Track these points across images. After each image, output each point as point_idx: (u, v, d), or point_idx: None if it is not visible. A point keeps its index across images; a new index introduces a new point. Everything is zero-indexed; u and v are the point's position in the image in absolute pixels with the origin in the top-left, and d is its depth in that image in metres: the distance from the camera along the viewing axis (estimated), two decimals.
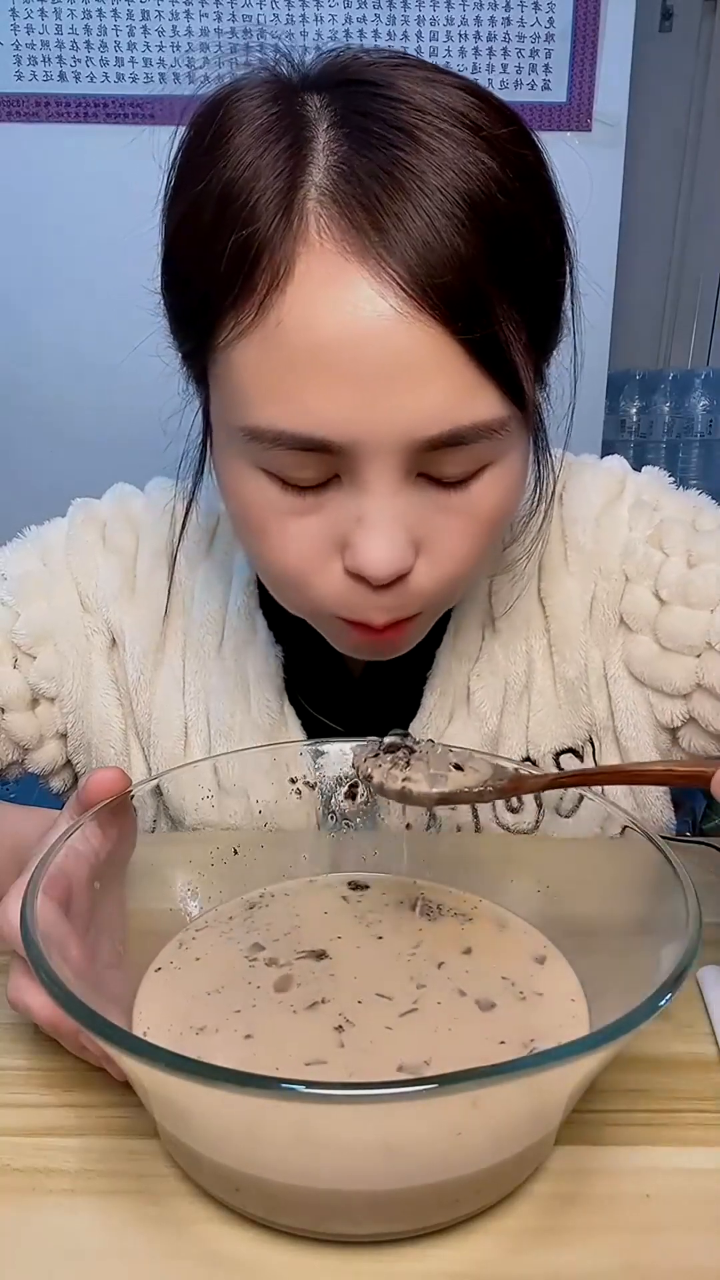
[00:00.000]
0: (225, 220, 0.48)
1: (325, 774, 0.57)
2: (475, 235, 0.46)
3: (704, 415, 1.90)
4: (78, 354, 1.58)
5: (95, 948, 0.43)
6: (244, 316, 0.48)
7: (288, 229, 0.47)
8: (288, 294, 0.47)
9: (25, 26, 1.47)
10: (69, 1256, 0.37)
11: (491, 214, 0.47)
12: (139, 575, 0.71)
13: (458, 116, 0.47)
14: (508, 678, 0.68)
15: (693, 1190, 0.40)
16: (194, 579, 0.71)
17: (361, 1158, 0.35)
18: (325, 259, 0.46)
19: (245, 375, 0.49)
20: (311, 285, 0.47)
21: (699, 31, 1.79)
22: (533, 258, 0.50)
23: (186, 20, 1.47)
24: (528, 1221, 0.38)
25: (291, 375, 0.48)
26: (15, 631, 0.68)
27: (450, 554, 0.53)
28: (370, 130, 0.47)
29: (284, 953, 0.48)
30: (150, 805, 0.62)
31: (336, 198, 0.47)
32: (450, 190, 0.46)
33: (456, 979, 0.46)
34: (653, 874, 0.43)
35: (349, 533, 0.51)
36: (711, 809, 1.71)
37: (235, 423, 0.51)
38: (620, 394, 1.89)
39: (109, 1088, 0.44)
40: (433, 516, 0.52)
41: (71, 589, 0.70)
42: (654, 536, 0.67)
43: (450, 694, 0.68)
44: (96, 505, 0.74)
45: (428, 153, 0.46)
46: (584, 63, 1.50)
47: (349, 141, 0.47)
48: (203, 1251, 0.37)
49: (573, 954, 0.48)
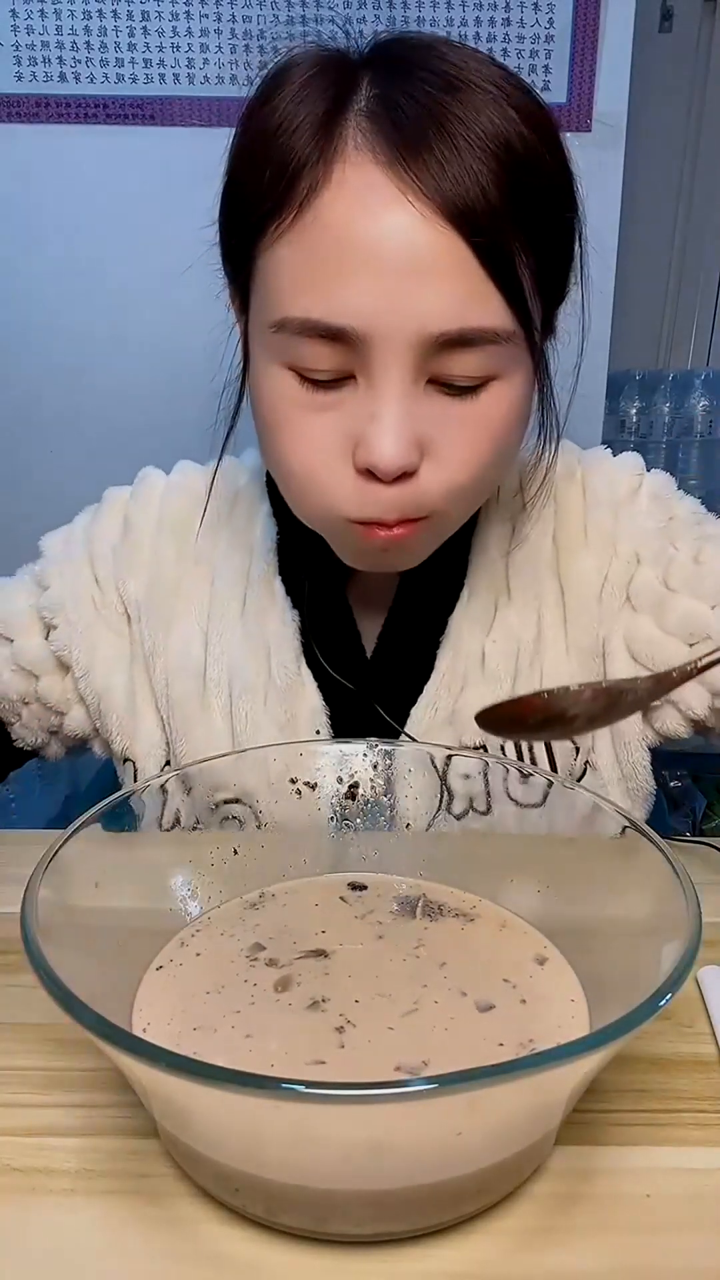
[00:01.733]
0: (275, 143, 0.54)
1: (326, 774, 0.57)
2: (495, 164, 0.52)
3: (704, 415, 1.90)
4: (77, 354, 1.58)
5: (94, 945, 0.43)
6: (285, 217, 0.54)
7: (329, 145, 0.53)
8: (323, 197, 0.53)
9: (25, 27, 1.47)
10: (69, 1256, 0.37)
11: (511, 153, 0.53)
12: (152, 550, 0.76)
13: (487, 76, 0.54)
14: (520, 641, 0.71)
15: (693, 1190, 0.40)
16: (215, 547, 0.76)
17: (361, 1158, 0.35)
18: (360, 168, 0.53)
19: (282, 270, 0.55)
20: (345, 190, 0.53)
21: (699, 31, 1.79)
22: (544, 201, 0.55)
23: (186, 20, 1.46)
24: (528, 1221, 0.38)
25: (322, 269, 0.53)
26: (41, 605, 0.76)
27: (455, 458, 0.57)
28: (409, 73, 0.54)
29: (284, 952, 0.48)
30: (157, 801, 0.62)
31: (372, 118, 0.53)
32: (475, 125, 0.52)
33: (456, 979, 0.46)
34: (653, 874, 0.43)
35: (362, 429, 0.55)
36: (711, 809, 1.71)
37: (269, 318, 0.56)
38: (620, 394, 1.88)
39: (109, 1088, 0.44)
40: (441, 421, 0.56)
41: (86, 565, 0.76)
42: (666, 530, 0.71)
43: (464, 658, 0.71)
44: (124, 490, 0.80)
45: (459, 94, 0.53)
46: (584, 63, 1.50)
47: (390, 77, 0.54)
48: (203, 1251, 0.37)
49: (573, 954, 0.48)
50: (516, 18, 1.48)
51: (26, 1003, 0.49)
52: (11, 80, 1.49)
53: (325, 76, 0.55)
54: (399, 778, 0.58)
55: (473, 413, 0.56)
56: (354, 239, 0.52)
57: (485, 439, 0.58)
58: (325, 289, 0.53)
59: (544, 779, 0.54)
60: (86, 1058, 0.46)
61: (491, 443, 0.58)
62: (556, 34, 1.49)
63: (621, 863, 0.47)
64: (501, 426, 0.58)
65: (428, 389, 0.56)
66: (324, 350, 0.55)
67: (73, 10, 1.46)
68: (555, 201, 0.56)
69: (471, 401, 0.56)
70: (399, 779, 0.58)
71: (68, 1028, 0.33)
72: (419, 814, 0.57)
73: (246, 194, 0.56)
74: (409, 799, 0.57)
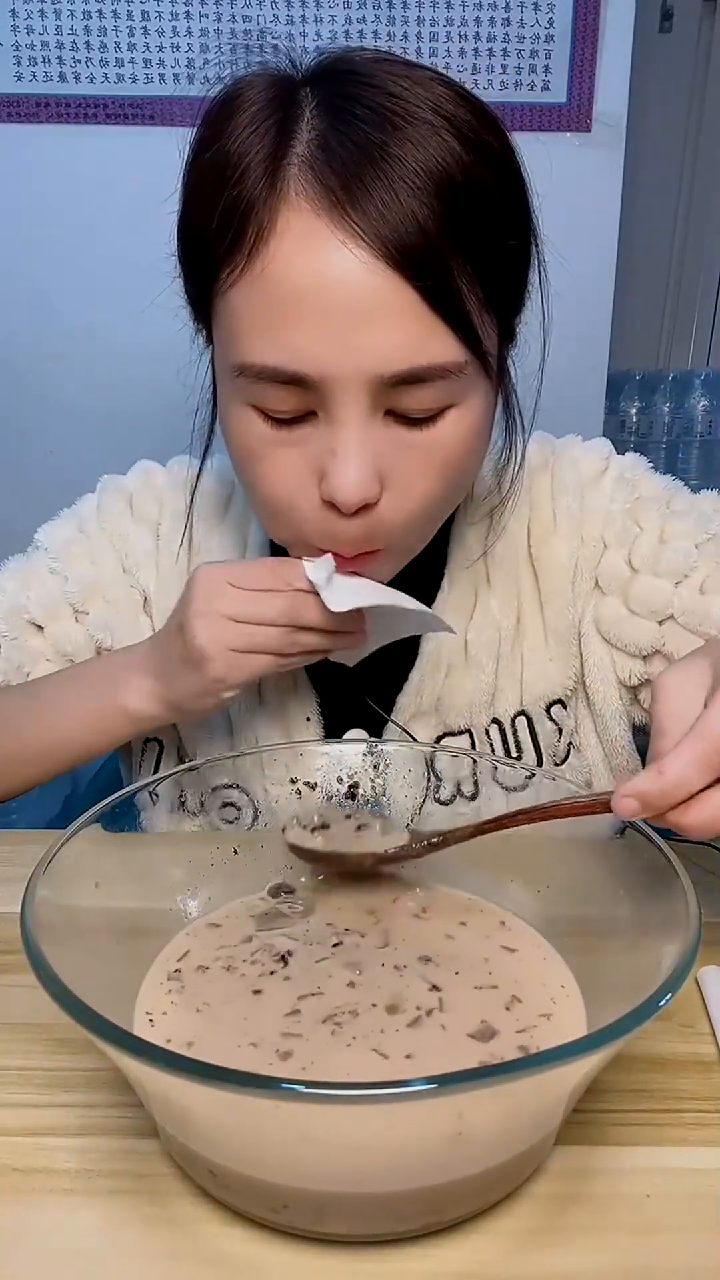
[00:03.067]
0: (222, 184, 0.55)
1: (326, 774, 0.57)
2: (434, 200, 0.52)
3: (704, 415, 1.90)
4: (77, 354, 1.58)
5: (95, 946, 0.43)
6: (236, 264, 0.55)
7: (271, 190, 0.53)
8: (270, 245, 0.53)
9: (25, 27, 1.47)
10: (69, 1256, 0.37)
11: (449, 185, 0.53)
12: (163, 540, 0.77)
13: (429, 103, 0.54)
14: (500, 628, 0.73)
15: (693, 1190, 0.40)
16: (210, 543, 0.77)
17: (361, 1158, 0.35)
18: (301, 216, 0.53)
19: (237, 317, 0.56)
20: (290, 238, 0.53)
21: (699, 31, 1.79)
22: (490, 225, 0.55)
23: (186, 20, 1.47)
24: (528, 1221, 0.38)
25: (274, 316, 0.54)
26: (67, 592, 0.76)
27: (413, 488, 0.58)
28: (348, 110, 0.54)
29: (284, 952, 0.48)
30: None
31: (313, 164, 0.53)
32: (412, 162, 0.52)
33: (455, 979, 0.46)
34: (653, 874, 0.43)
35: (324, 463, 0.57)
36: None
37: (229, 360, 0.57)
38: (620, 394, 1.89)
39: (109, 1088, 0.44)
40: (398, 452, 0.57)
41: (111, 551, 0.77)
42: (631, 510, 0.72)
43: (447, 646, 0.72)
44: (122, 480, 0.81)
45: (396, 131, 0.53)
46: (584, 63, 1.50)
47: (329, 118, 0.54)
48: (203, 1251, 0.37)
49: (573, 954, 0.48)
50: (516, 18, 1.48)
51: (26, 1003, 0.49)
52: (11, 80, 1.49)
53: (271, 108, 0.55)
54: (390, 768, 0.59)
55: (428, 440, 0.57)
56: (301, 287, 0.53)
57: (441, 467, 0.58)
58: (278, 336, 0.54)
59: (524, 770, 0.56)
60: (86, 1058, 0.46)
61: (449, 471, 0.59)
62: (556, 34, 1.49)
63: (621, 863, 0.47)
64: (459, 451, 0.59)
65: (385, 419, 0.56)
66: (283, 393, 0.55)
67: (73, 10, 1.46)
68: (502, 221, 0.56)
69: (429, 430, 0.57)
70: (390, 769, 0.59)
71: (68, 1028, 0.33)
72: (408, 805, 0.58)
73: (200, 235, 0.57)
74: (398, 787, 0.59)
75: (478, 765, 0.60)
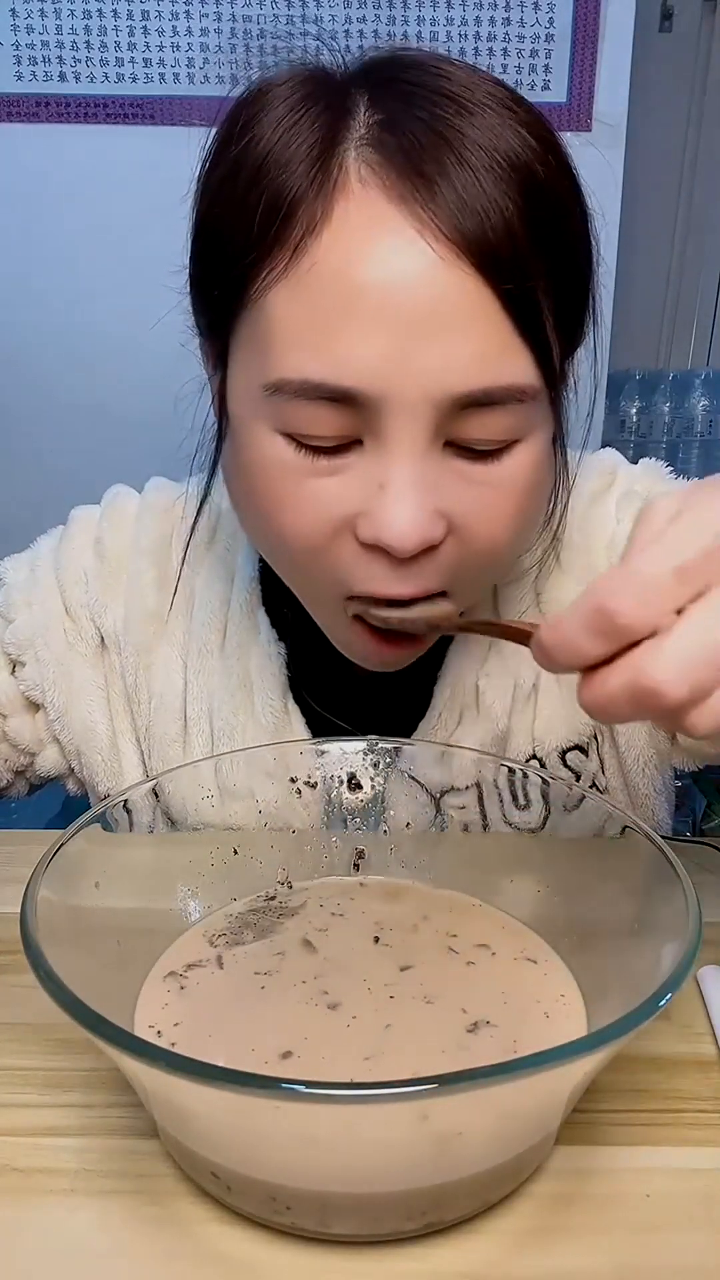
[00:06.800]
0: (258, 178, 0.48)
1: (327, 773, 0.57)
2: (518, 196, 0.46)
3: (704, 415, 1.90)
4: (76, 354, 1.58)
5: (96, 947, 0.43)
6: (276, 263, 0.48)
7: (327, 178, 0.47)
8: (323, 238, 0.46)
9: (25, 27, 1.47)
10: (69, 1256, 0.37)
11: (532, 182, 0.47)
12: (130, 576, 0.70)
13: (497, 98, 0.48)
14: (517, 677, 0.67)
15: (693, 1190, 0.40)
16: (195, 577, 0.70)
17: (361, 1158, 0.35)
18: (367, 204, 0.46)
19: (274, 323, 0.48)
20: (350, 229, 0.46)
21: (699, 31, 1.79)
22: (566, 237, 0.50)
23: (186, 20, 1.47)
24: (528, 1221, 0.38)
25: (322, 320, 0.47)
26: (6, 641, 0.70)
27: (483, 532, 0.51)
28: (415, 94, 0.48)
29: (283, 952, 0.48)
30: (147, 807, 0.62)
31: (379, 147, 0.47)
32: (494, 151, 0.46)
33: (455, 979, 0.46)
34: (653, 874, 0.43)
35: (368, 500, 0.49)
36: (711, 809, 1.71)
37: (260, 380, 0.49)
38: (620, 394, 1.89)
39: (109, 1088, 0.44)
40: (462, 488, 0.50)
41: (55, 595, 0.70)
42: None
43: (460, 694, 0.67)
44: (92, 510, 0.74)
45: (471, 116, 0.46)
46: (584, 63, 1.50)
47: (393, 100, 0.48)
48: (203, 1251, 0.37)
49: (572, 954, 0.48)
50: (516, 18, 1.48)
51: (26, 1003, 0.49)
52: (11, 80, 1.50)
53: (314, 100, 0.49)
54: (393, 798, 0.56)
55: (497, 475, 0.50)
56: (361, 285, 0.46)
57: (514, 503, 0.51)
58: (326, 345, 0.47)
59: (540, 807, 0.53)
60: (86, 1058, 0.46)
61: (520, 508, 0.52)
62: (556, 34, 1.49)
63: (621, 863, 0.47)
64: (529, 489, 0.52)
65: (445, 450, 0.49)
66: (326, 414, 0.48)
67: (73, 10, 1.46)
68: (576, 234, 0.51)
69: (494, 465, 0.50)
70: (393, 797, 0.56)
71: (68, 1028, 0.33)
72: (420, 814, 0.57)
73: (228, 238, 0.50)
74: (398, 787, 0.56)
75: (485, 808, 0.58)
